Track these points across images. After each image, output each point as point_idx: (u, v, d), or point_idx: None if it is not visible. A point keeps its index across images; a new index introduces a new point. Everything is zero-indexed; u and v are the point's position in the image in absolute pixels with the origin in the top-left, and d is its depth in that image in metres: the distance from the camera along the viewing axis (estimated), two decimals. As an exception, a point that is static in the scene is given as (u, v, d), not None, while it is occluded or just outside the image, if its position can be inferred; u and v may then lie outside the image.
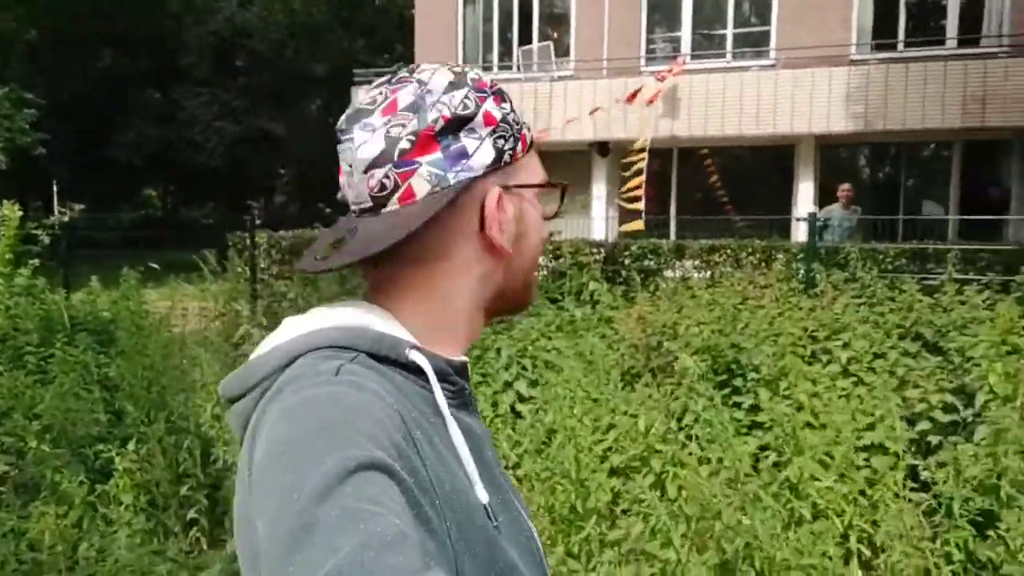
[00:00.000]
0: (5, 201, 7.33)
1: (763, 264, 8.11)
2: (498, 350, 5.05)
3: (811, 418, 4.00)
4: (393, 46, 25.28)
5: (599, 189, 13.47)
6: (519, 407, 4.59)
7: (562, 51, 14.08)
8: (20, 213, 7.27)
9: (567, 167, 13.76)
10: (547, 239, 0.93)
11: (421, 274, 0.82)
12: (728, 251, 9.02)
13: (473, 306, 0.85)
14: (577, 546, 3.12)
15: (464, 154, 0.80)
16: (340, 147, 0.80)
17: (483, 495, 0.74)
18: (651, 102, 12.11)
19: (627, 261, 9.08)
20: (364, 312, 0.79)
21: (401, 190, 0.78)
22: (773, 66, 12.50)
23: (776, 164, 13.53)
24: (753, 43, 13.15)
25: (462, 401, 0.83)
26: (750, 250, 8.90)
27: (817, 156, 12.79)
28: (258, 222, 9.68)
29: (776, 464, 3.74)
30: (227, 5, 24.83)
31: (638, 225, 11.02)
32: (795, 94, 11.91)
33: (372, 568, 0.51)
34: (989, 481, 3.57)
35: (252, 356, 0.78)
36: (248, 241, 8.48)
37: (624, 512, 3.57)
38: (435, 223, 0.79)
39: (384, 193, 0.78)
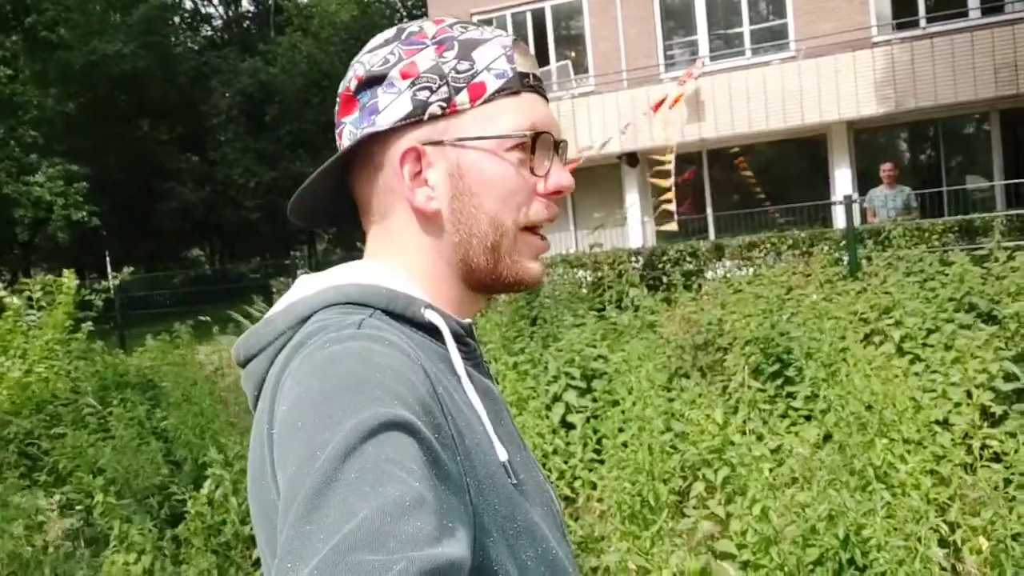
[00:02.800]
0: (65, 271, 7.61)
1: (805, 254, 7.97)
2: (545, 364, 5.04)
3: (871, 399, 3.90)
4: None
5: (631, 198, 13.45)
6: (569, 418, 4.56)
7: (581, 68, 14.17)
8: (76, 281, 7.52)
9: (599, 180, 13.78)
10: (554, 195, 0.83)
11: (377, 235, 0.83)
12: (768, 245, 8.90)
13: (437, 271, 0.81)
14: (649, 540, 3.08)
15: (375, 110, 0.78)
16: None
17: (502, 452, 0.73)
18: (674, 104, 12.07)
19: (666, 266, 9.01)
20: (378, 270, 0.79)
21: (340, 149, 0.80)
22: (794, 57, 12.40)
23: (809, 154, 13.37)
24: (771, 37, 13.08)
25: (476, 362, 0.82)
26: (790, 241, 8.77)
27: (851, 141, 12.61)
28: (302, 271, 9.88)
29: (839, 449, 3.65)
30: (251, 64, 25.55)
31: (672, 225, 10.96)
32: (820, 83, 11.77)
33: (388, 533, 0.51)
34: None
35: (268, 314, 0.77)
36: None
37: (695, 508, 3.52)
38: (367, 182, 0.81)
39: (335, 155, 0.81)
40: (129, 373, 6.48)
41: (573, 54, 14.30)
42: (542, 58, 14.40)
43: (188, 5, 32.06)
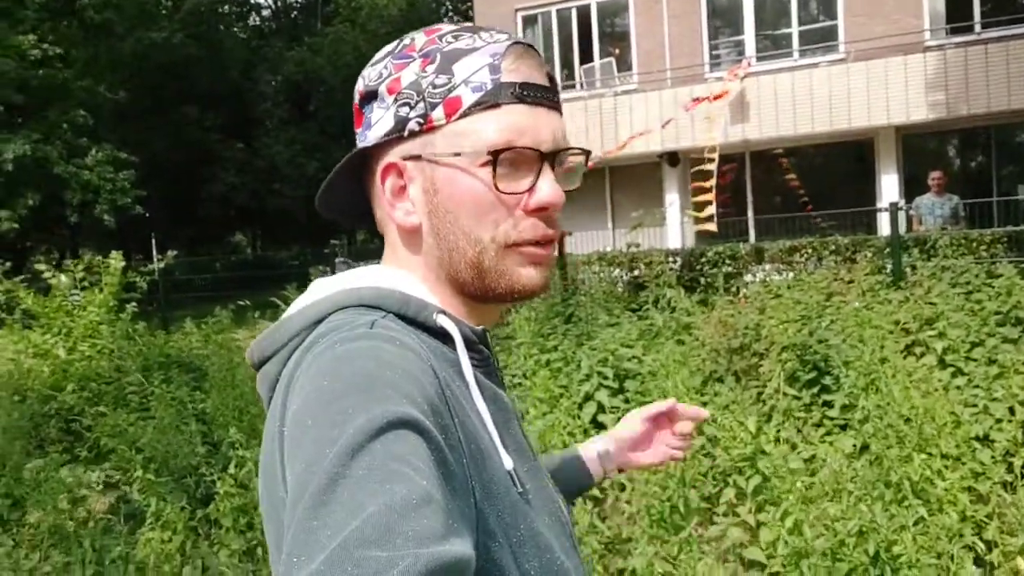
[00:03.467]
0: (112, 252, 7.80)
1: (847, 260, 7.84)
2: (578, 363, 5.03)
3: (910, 412, 3.83)
4: (457, 76, 25.75)
5: (671, 198, 13.35)
6: (601, 418, 4.55)
7: (625, 66, 14.08)
8: (122, 264, 7.71)
9: (639, 179, 13.70)
10: (539, 212, 0.79)
11: (385, 243, 0.85)
12: (809, 250, 8.76)
13: (433, 283, 0.81)
14: (677, 547, 3.06)
15: (368, 125, 0.81)
16: None
17: (507, 461, 0.73)
18: (717, 99, 11.92)
19: (705, 268, 8.93)
20: (392, 275, 0.80)
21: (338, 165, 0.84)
22: (843, 60, 12.18)
23: (856, 159, 13.13)
24: (820, 39, 12.86)
25: (488, 369, 0.82)
26: (832, 247, 8.63)
27: (899, 147, 12.36)
28: (340, 259, 9.96)
29: (874, 461, 3.59)
30: (297, 53, 25.85)
31: (711, 226, 10.83)
32: (869, 86, 11.55)
33: (395, 530, 0.51)
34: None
35: (283, 316, 0.78)
36: (329, 273, 8.74)
37: (724, 515, 3.49)
38: (371, 195, 0.84)
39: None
40: (173, 354, 6.61)
41: (617, 51, 14.21)
42: (586, 55, 14.33)
43: (238, -6, 32.46)
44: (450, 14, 33.67)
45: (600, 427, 4.51)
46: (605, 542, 3.60)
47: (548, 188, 0.78)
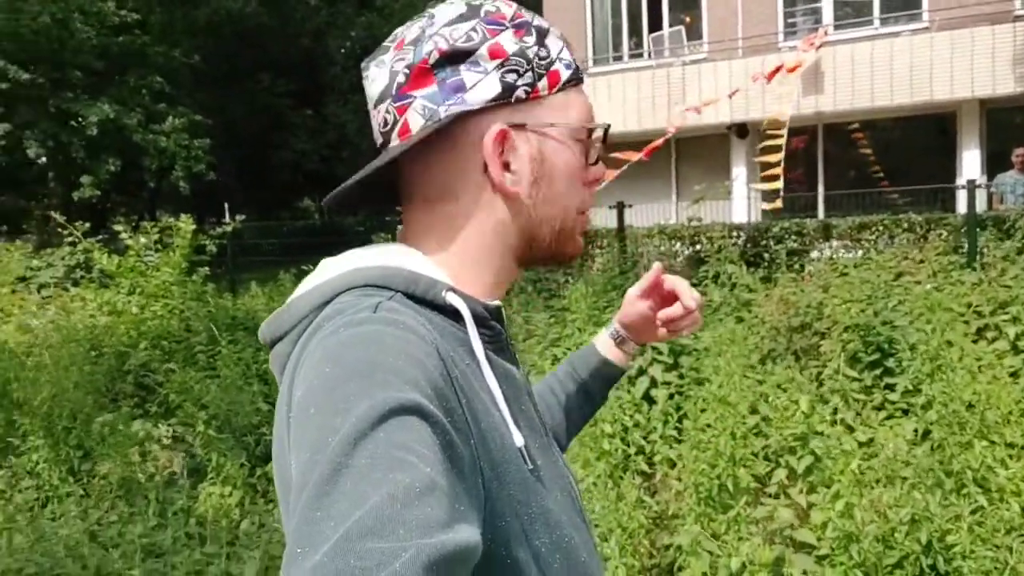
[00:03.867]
0: (183, 216, 8.06)
1: (920, 239, 7.55)
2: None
3: (973, 398, 3.69)
4: (525, 44, 25.53)
5: (739, 171, 13.02)
6: (653, 392, 4.52)
7: (695, 35, 13.72)
8: (193, 227, 7.95)
9: (705, 151, 13.40)
10: (595, 185, 0.87)
11: (434, 215, 0.81)
12: (880, 227, 8.45)
13: (494, 251, 0.81)
14: (725, 525, 3.04)
15: (461, 87, 0.77)
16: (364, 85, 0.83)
17: (518, 438, 0.73)
18: (792, 71, 11.51)
19: (769, 244, 8.72)
20: (399, 253, 0.78)
21: (399, 124, 0.78)
22: (927, 29, 11.62)
23: (936, 133, 12.56)
24: (903, 6, 12.27)
25: (499, 346, 0.81)
26: (905, 225, 8.31)
27: (983, 122, 11.77)
28: (401, 228, 10.10)
29: (936, 447, 3.49)
30: (367, 18, 26.01)
31: (776, 204, 10.52)
32: (953, 57, 11.01)
33: (398, 520, 0.50)
34: None
35: (291, 297, 0.77)
36: (391, 241, 8.87)
37: (775, 495, 3.44)
38: (436, 161, 0.79)
39: (387, 128, 0.79)
40: (239, 316, 6.81)
41: (688, 19, 13.84)
42: (655, 22, 14.01)
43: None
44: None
45: (651, 402, 4.49)
46: (652, 517, 3.60)
47: (601, 164, 0.87)
